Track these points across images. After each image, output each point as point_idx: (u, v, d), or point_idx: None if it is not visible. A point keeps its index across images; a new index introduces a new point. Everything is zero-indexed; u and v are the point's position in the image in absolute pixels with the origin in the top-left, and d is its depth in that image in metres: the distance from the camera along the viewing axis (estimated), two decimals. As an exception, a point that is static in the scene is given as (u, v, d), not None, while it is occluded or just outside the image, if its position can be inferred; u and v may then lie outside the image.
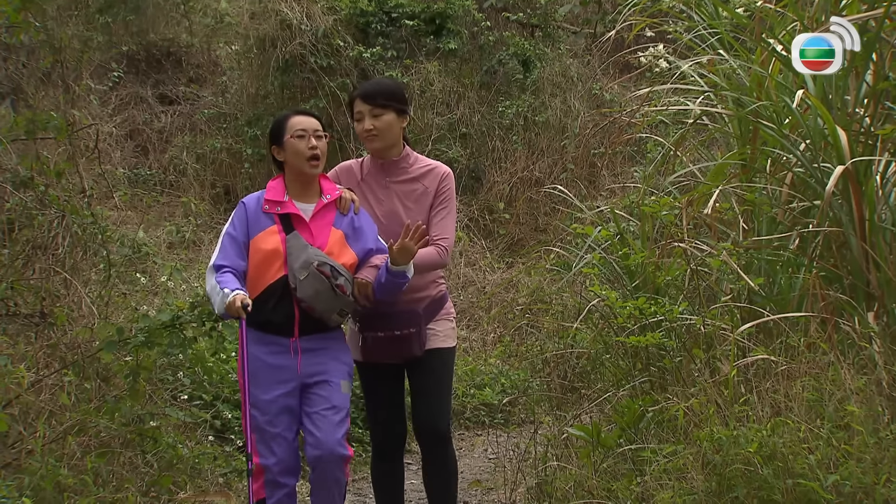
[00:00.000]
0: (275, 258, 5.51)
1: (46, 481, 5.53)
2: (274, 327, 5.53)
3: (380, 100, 5.84)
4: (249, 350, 5.49)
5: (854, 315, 6.60)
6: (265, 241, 5.55)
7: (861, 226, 6.88)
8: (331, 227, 5.63)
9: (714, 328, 6.92)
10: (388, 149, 5.92)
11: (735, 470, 5.44)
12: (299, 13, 14.00)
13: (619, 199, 11.16)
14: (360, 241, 5.68)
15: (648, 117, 10.03)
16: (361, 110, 5.86)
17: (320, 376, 5.56)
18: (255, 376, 5.50)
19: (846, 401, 5.62)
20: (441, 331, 5.95)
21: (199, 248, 12.20)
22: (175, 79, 15.49)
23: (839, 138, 6.91)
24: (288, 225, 5.57)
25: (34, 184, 7.26)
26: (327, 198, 5.66)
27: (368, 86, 6.06)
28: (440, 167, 6.01)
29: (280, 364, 5.53)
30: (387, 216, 5.88)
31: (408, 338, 5.79)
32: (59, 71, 11.09)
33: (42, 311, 6.98)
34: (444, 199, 5.93)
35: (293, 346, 5.54)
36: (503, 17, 15.22)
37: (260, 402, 5.52)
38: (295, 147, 5.60)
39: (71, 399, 6.28)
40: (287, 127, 5.64)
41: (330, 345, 5.64)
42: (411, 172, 5.95)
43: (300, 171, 5.63)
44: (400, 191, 5.92)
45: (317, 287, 5.41)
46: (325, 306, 5.47)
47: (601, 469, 6.49)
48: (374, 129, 5.82)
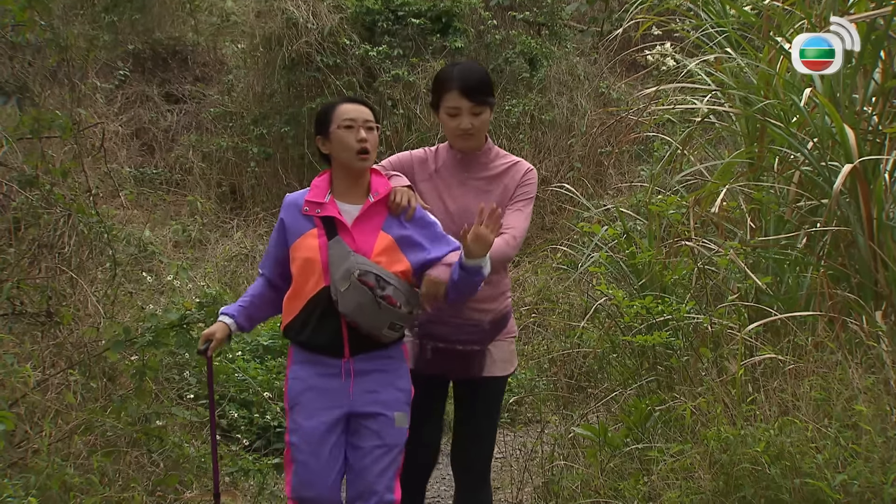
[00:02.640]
0: (313, 267, 4.85)
1: (53, 480, 5.51)
2: (321, 347, 4.88)
3: (482, 96, 5.15)
4: (293, 371, 4.95)
5: (862, 314, 6.58)
6: (302, 247, 4.90)
7: (869, 224, 6.87)
8: (378, 230, 4.92)
9: (721, 327, 6.91)
10: (475, 147, 5.27)
11: (742, 469, 5.43)
12: (305, 11, 13.99)
13: (626, 198, 11.16)
14: (415, 246, 4.94)
15: (655, 116, 10.04)
16: (459, 106, 5.14)
17: (373, 406, 4.88)
18: (297, 400, 4.90)
19: (854, 400, 5.60)
20: (499, 355, 5.28)
21: (205, 247, 12.19)
22: (181, 77, 15.49)
23: (847, 137, 6.90)
24: (331, 229, 4.88)
25: (40, 183, 7.24)
26: (375, 195, 4.94)
27: (467, 76, 5.19)
28: (522, 163, 5.32)
29: (329, 387, 4.87)
30: (460, 214, 5.17)
31: (470, 355, 5.18)
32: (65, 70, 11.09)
33: (48, 310, 6.96)
34: (522, 195, 5.26)
35: (345, 369, 4.86)
36: (510, 16, 15.20)
37: (301, 428, 4.88)
38: (342, 139, 4.90)
39: (77, 398, 6.27)
40: (334, 116, 4.95)
41: (387, 366, 4.95)
42: (492, 169, 5.27)
43: (348, 165, 4.92)
44: (478, 188, 5.24)
45: (359, 300, 4.73)
46: (372, 321, 4.78)
47: (608, 468, 6.47)
48: (471, 129, 5.16)
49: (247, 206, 13.76)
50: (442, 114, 5.21)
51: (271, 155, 14.05)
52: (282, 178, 13.83)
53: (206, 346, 4.93)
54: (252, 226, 13.04)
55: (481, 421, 5.34)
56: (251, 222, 13.16)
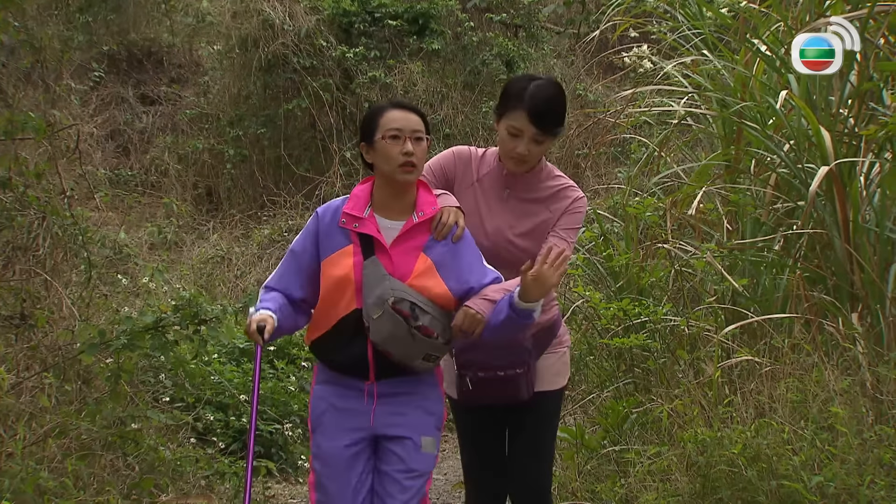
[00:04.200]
0: (346, 287, 4.44)
1: (27, 484, 5.47)
2: (345, 368, 4.53)
3: (550, 125, 4.67)
4: (316, 391, 4.62)
5: (838, 316, 6.60)
6: (337, 264, 4.48)
7: (845, 227, 6.88)
8: (419, 252, 4.49)
9: (698, 329, 6.92)
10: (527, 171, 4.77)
11: (719, 471, 5.44)
12: (282, 13, 13.96)
13: (604, 200, 11.17)
14: (458, 272, 4.49)
15: (632, 118, 10.05)
16: (522, 128, 4.63)
17: (398, 429, 4.51)
18: (319, 421, 4.58)
19: (830, 402, 5.62)
20: (550, 367, 4.85)
21: (181, 250, 12.14)
22: (156, 79, 15.43)
23: (823, 139, 6.92)
24: (368, 247, 4.46)
25: (13, 184, 7.19)
26: (419, 215, 4.49)
27: (540, 100, 4.66)
28: (573, 189, 4.82)
29: (351, 408, 4.52)
30: (494, 232, 4.74)
31: (514, 379, 4.68)
32: (39, 71, 11.03)
33: (22, 312, 6.92)
34: (567, 223, 4.75)
35: (368, 391, 4.50)
36: (487, 18, 15.20)
37: (323, 451, 4.56)
38: (386, 151, 4.44)
39: (51, 401, 6.23)
40: (380, 124, 4.48)
41: (416, 389, 4.55)
42: (539, 190, 4.78)
43: (391, 178, 4.46)
44: (519, 209, 4.77)
45: (392, 329, 4.33)
46: (404, 352, 4.39)
47: (585, 470, 6.48)
48: (528, 156, 4.67)
49: (223, 209, 13.72)
50: (502, 128, 4.70)
51: (247, 157, 14.01)
52: (258, 180, 13.80)
53: (262, 325, 4.38)
54: (228, 228, 13.00)
55: (536, 440, 4.88)
56: (227, 224, 13.12)
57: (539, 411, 4.84)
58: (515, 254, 4.66)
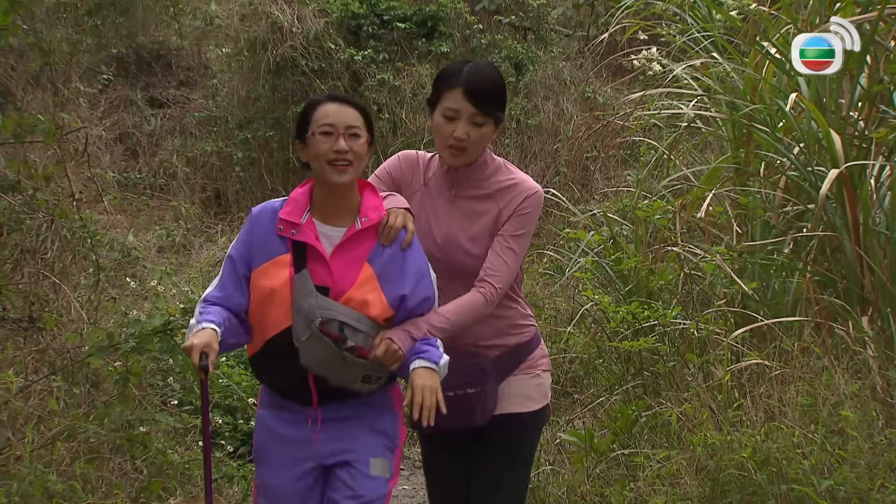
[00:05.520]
0: (277, 302, 3.96)
1: (35, 487, 5.47)
2: (286, 393, 4.09)
3: (489, 105, 4.23)
4: (260, 415, 4.17)
5: (848, 319, 6.58)
6: (269, 274, 3.99)
7: (855, 230, 6.87)
8: (363, 262, 4.01)
9: (708, 333, 6.90)
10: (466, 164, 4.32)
11: (729, 475, 5.42)
12: (290, 16, 13.96)
13: (613, 203, 11.15)
14: (394, 283, 4.03)
15: (642, 121, 10.03)
16: (459, 108, 4.20)
17: (343, 455, 4.06)
18: (263, 451, 4.14)
19: (840, 405, 5.60)
20: (520, 389, 4.36)
21: (189, 253, 12.13)
22: (165, 81, 15.43)
23: (833, 142, 6.90)
24: (301, 257, 3.98)
25: (22, 188, 7.20)
26: (363, 221, 4.04)
27: (477, 76, 4.24)
28: (525, 184, 4.32)
29: (294, 436, 4.07)
30: (445, 240, 4.29)
31: (465, 400, 4.19)
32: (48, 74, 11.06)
33: (31, 315, 6.93)
34: (515, 229, 4.26)
35: (312, 416, 4.06)
36: (495, 20, 15.18)
37: (268, 487, 4.13)
38: (317, 147, 3.99)
39: (60, 404, 6.23)
40: (314, 118, 4.03)
41: (364, 412, 4.10)
42: (485, 187, 4.31)
43: (323, 178, 4.02)
44: (466, 210, 4.31)
45: (321, 353, 3.91)
46: (339, 376, 3.96)
47: (594, 474, 6.45)
48: (465, 141, 4.20)
49: (231, 211, 13.71)
50: (437, 115, 4.26)
51: (256, 159, 14.00)
52: (266, 182, 13.79)
53: (205, 362, 3.81)
54: (236, 231, 12.98)
55: (496, 470, 4.35)
56: (235, 227, 13.10)
57: (500, 434, 4.33)
58: (468, 263, 4.26)
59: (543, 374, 4.45)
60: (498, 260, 4.21)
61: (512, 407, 4.32)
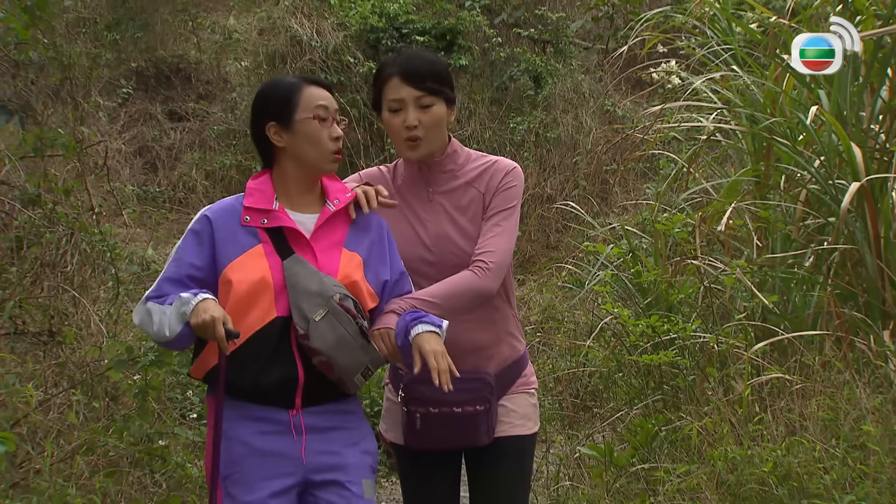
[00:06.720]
0: (261, 293, 3.66)
1: (55, 501, 5.48)
2: (265, 395, 3.68)
3: (430, 83, 4.02)
4: (226, 430, 3.68)
5: (869, 333, 6.55)
6: (246, 267, 3.68)
7: (876, 243, 6.83)
8: (341, 247, 3.80)
9: (728, 346, 6.87)
10: (432, 154, 4.11)
11: (750, 490, 5.40)
12: (309, 29, 14.02)
13: (632, 216, 11.14)
14: (377, 269, 3.87)
15: (661, 134, 10.02)
16: (402, 97, 4.01)
17: (333, 473, 3.72)
18: (237, 468, 3.69)
19: (862, 420, 5.57)
20: (516, 410, 4.17)
21: (209, 266, 12.16)
22: (184, 95, 15.49)
23: (854, 155, 6.87)
24: (282, 244, 3.73)
25: (42, 201, 7.23)
26: (335, 203, 3.83)
27: (409, 59, 4.07)
28: (502, 162, 4.16)
29: (275, 450, 3.68)
30: (436, 241, 4.09)
31: (472, 418, 3.98)
32: (68, 88, 11.10)
33: (50, 329, 6.94)
34: (500, 205, 4.08)
35: (294, 423, 3.69)
36: (514, 33, 15.21)
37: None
38: (314, 134, 3.75)
39: (79, 418, 6.24)
40: (301, 100, 3.76)
41: (347, 423, 3.80)
42: (461, 176, 4.13)
43: (314, 167, 3.80)
44: (449, 204, 4.12)
45: (340, 332, 3.61)
46: (350, 361, 3.65)
47: (614, 489, 6.43)
48: (419, 127, 4.01)
49: (250, 224, 13.74)
50: (384, 113, 4.08)
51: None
52: (285, 195, 13.81)
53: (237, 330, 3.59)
54: (255, 244, 13.01)
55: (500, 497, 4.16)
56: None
57: (503, 458, 4.14)
58: (462, 257, 4.06)
59: (535, 392, 4.30)
60: (486, 237, 4.04)
61: (515, 429, 4.15)
